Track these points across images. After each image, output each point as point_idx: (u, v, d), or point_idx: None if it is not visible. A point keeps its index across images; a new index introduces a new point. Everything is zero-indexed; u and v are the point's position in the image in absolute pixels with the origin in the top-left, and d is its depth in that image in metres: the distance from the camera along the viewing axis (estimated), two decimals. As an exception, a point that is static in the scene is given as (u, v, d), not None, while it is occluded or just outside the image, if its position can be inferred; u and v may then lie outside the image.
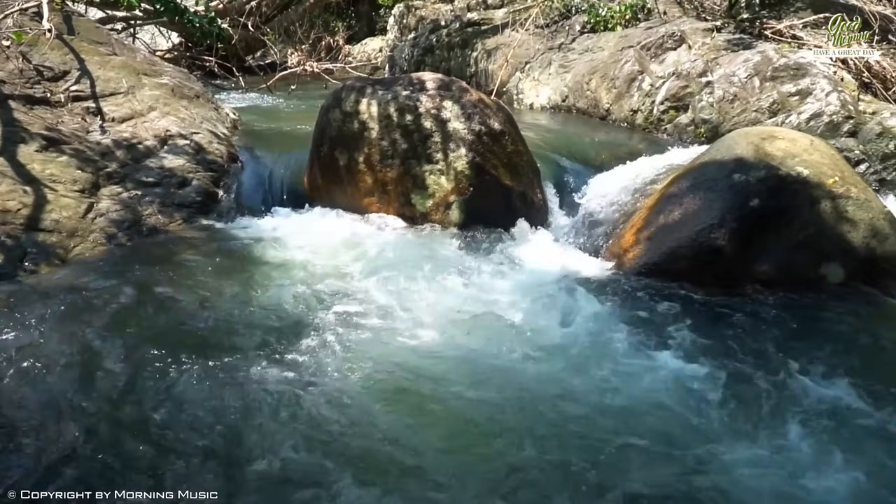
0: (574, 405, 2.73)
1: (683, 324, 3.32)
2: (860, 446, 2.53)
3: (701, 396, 2.80)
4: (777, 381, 2.90)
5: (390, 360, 2.97)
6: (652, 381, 2.89)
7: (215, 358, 2.87)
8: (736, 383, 2.88)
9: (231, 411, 2.57)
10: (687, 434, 2.58)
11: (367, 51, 12.72)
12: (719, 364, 3.01)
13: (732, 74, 6.34)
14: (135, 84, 5.18)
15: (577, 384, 2.86)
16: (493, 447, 2.48)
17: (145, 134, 4.73)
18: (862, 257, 3.78)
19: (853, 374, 2.96)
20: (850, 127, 5.62)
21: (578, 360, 3.04)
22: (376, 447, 2.45)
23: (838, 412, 2.72)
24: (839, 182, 3.87)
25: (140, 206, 4.25)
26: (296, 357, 2.92)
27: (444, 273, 3.80)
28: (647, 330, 3.28)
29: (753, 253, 3.78)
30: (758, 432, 2.60)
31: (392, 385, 2.81)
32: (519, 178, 4.67)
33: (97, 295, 3.28)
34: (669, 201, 4.06)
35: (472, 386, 2.82)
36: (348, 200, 4.69)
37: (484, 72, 8.88)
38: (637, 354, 3.10)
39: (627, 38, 7.53)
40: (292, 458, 2.37)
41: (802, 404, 2.76)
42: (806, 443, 2.54)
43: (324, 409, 2.62)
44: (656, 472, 2.37)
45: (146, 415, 2.53)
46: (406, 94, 4.59)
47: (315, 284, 3.61)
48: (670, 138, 6.46)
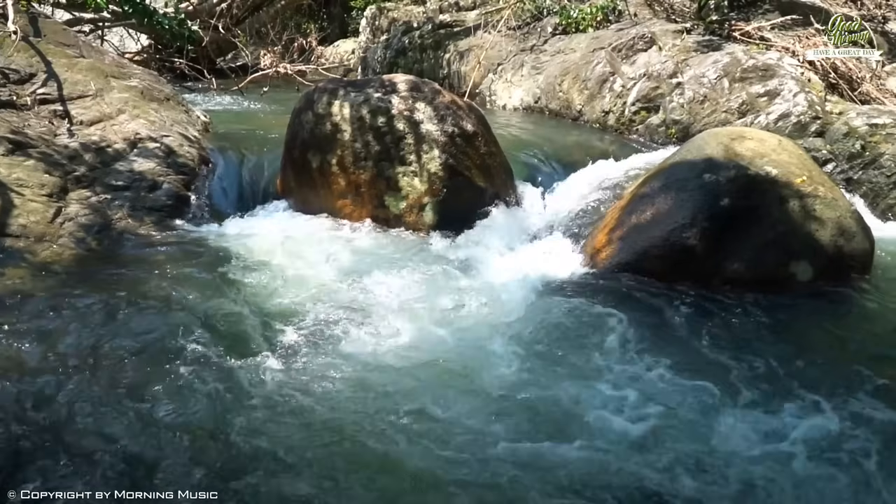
0: (542, 403, 2.74)
1: (655, 322, 3.36)
2: (825, 439, 2.57)
3: (669, 392, 2.82)
4: (745, 376, 2.95)
5: (360, 361, 2.97)
6: (620, 379, 2.91)
7: (183, 362, 2.84)
8: (704, 379, 2.90)
9: (196, 416, 2.55)
10: (653, 429, 2.60)
11: (340, 53, 12.68)
12: (687, 361, 3.05)
13: (702, 75, 6.41)
14: (103, 87, 5.11)
15: (548, 382, 2.87)
16: (458, 450, 2.47)
17: (114, 137, 4.67)
18: (830, 255, 3.84)
19: (819, 369, 3.02)
20: (818, 127, 5.70)
21: (550, 359, 3.05)
22: (344, 449, 2.44)
23: (804, 405, 2.76)
24: (807, 181, 3.93)
25: (109, 211, 4.20)
26: (263, 361, 2.90)
27: (417, 275, 3.80)
28: (618, 328, 3.30)
29: (724, 252, 3.82)
30: (726, 427, 2.63)
31: (360, 386, 2.80)
32: (492, 179, 4.68)
33: (66, 300, 3.23)
34: (641, 201, 4.09)
35: (443, 388, 2.81)
36: (321, 203, 4.66)
37: (457, 73, 8.89)
38: (608, 352, 3.12)
39: (599, 40, 7.58)
40: (256, 460, 2.35)
41: (769, 399, 2.80)
42: (773, 437, 2.57)
43: (292, 411, 2.61)
44: (615, 469, 2.39)
45: (127, 416, 2.50)
46: (378, 96, 4.58)
47: (286, 288, 3.59)
48: (642, 139, 6.51)
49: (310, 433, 2.51)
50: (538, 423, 2.63)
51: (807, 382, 2.91)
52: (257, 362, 2.89)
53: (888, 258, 4.20)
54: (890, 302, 3.75)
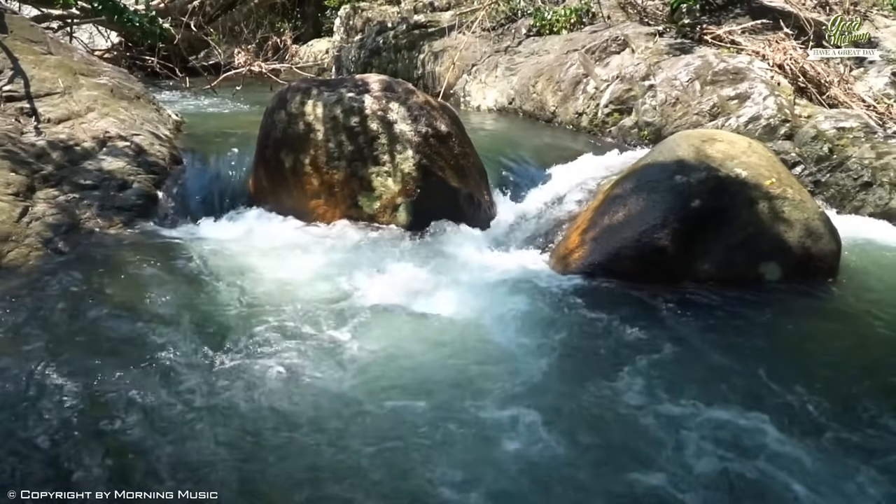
0: (511, 402, 2.74)
1: (625, 321, 3.38)
2: (793, 434, 2.60)
3: (638, 390, 2.85)
4: (714, 373, 2.99)
5: (328, 361, 2.95)
6: (589, 377, 2.92)
7: (150, 364, 2.82)
8: (673, 378, 2.94)
9: (164, 419, 2.52)
10: (615, 427, 2.62)
11: (314, 52, 12.62)
12: (651, 359, 3.08)
13: (674, 78, 6.47)
14: (72, 84, 5.03)
15: (517, 382, 2.88)
16: (424, 453, 2.47)
17: (83, 135, 4.60)
18: (798, 256, 3.90)
19: (786, 368, 3.05)
20: (787, 130, 5.79)
21: (520, 359, 3.06)
22: (311, 450, 2.43)
23: (770, 403, 2.80)
24: (776, 183, 3.98)
25: (78, 210, 4.14)
26: (232, 362, 2.88)
27: (389, 276, 3.80)
28: (589, 328, 3.33)
29: (695, 252, 3.86)
30: (694, 421, 2.65)
31: (327, 387, 2.79)
32: (466, 179, 4.69)
33: (32, 301, 3.18)
34: (614, 202, 4.12)
35: (409, 390, 2.80)
36: (294, 203, 4.63)
37: (431, 74, 8.89)
38: (576, 352, 3.14)
39: (572, 42, 7.63)
40: (218, 463, 2.33)
41: (735, 395, 2.83)
42: (740, 431, 2.60)
43: (259, 411, 2.60)
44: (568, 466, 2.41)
45: (88, 418, 2.47)
46: (351, 96, 4.56)
47: (257, 288, 3.57)
48: (615, 140, 6.55)
49: (276, 434, 2.50)
50: (491, 421, 2.63)
51: (771, 380, 2.95)
52: (226, 363, 2.87)
53: (854, 259, 4.27)
54: (855, 302, 3.82)
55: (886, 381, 3.06)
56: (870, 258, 4.39)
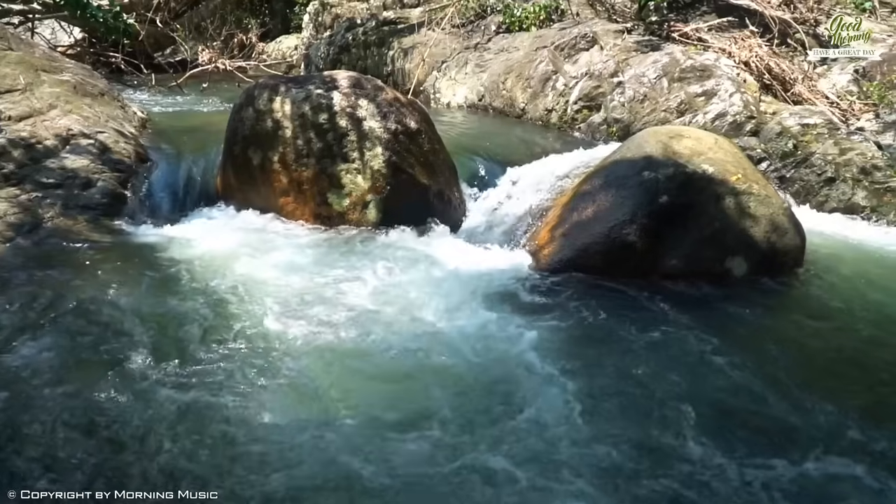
0: (476, 396, 2.77)
1: (595, 316, 3.43)
2: (756, 431, 2.64)
3: (604, 383, 2.89)
4: (678, 367, 3.03)
5: (295, 361, 2.94)
6: (554, 372, 2.94)
7: (114, 366, 2.78)
8: (637, 372, 2.98)
9: (124, 423, 2.49)
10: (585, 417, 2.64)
11: (283, 49, 12.50)
12: (624, 353, 3.13)
13: (642, 75, 6.52)
14: (33, 81, 4.93)
15: (482, 377, 2.90)
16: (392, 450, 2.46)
17: (45, 133, 4.51)
18: (763, 251, 3.95)
19: (748, 360, 3.10)
20: (752, 126, 5.87)
21: (488, 356, 3.06)
22: (276, 450, 2.42)
23: (730, 395, 2.85)
24: (742, 179, 4.03)
25: (41, 209, 4.06)
26: (196, 363, 2.84)
27: (358, 273, 3.78)
28: (559, 323, 3.36)
29: (663, 248, 3.90)
30: (655, 416, 2.69)
31: (294, 386, 2.78)
32: (436, 176, 4.68)
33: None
34: (583, 199, 4.14)
35: (375, 388, 2.81)
36: (263, 201, 4.59)
37: (401, 71, 8.86)
38: (544, 345, 3.15)
39: (542, 39, 7.65)
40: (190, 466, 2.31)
41: (699, 388, 2.88)
42: (701, 427, 2.63)
43: (222, 411, 2.58)
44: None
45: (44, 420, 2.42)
46: (320, 93, 4.53)
47: (224, 287, 3.53)
48: (584, 137, 6.59)
49: (243, 430, 2.48)
50: (462, 418, 2.64)
51: (737, 372, 3.01)
52: (188, 366, 2.82)
53: (818, 253, 4.34)
54: (818, 294, 3.90)
55: (844, 372, 3.16)
56: (833, 252, 4.47)
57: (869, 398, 2.94)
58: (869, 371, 3.16)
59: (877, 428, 2.65)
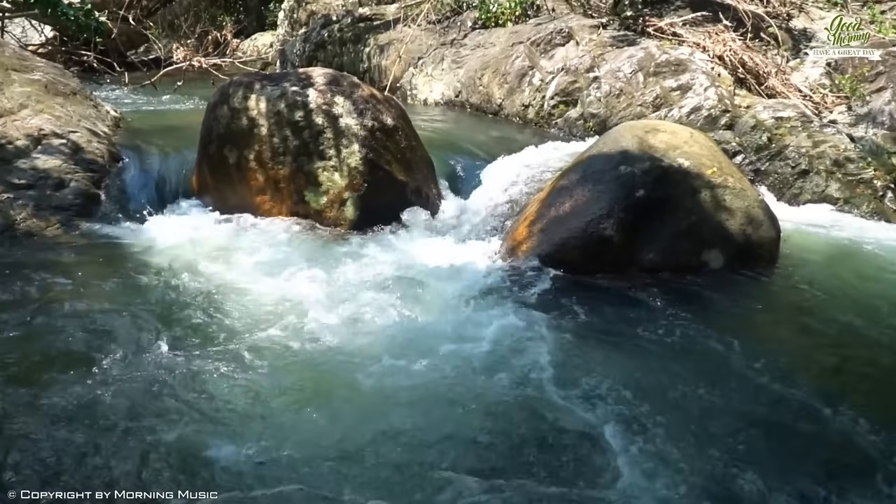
0: (452, 394, 2.78)
1: (573, 310, 3.46)
2: (733, 422, 2.67)
3: (580, 376, 2.90)
4: (655, 359, 3.07)
5: (273, 360, 2.93)
6: (532, 366, 2.96)
7: (90, 368, 2.75)
8: (614, 365, 3.01)
9: (98, 425, 2.47)
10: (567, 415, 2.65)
11: (258, 46, 12.42)
12: (601, 346, 3.16)
13: (618, 70, 6.54)
14: (3, 80, 4.85)
15: (461, 374, 2.90)
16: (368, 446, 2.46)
17: (16, 133, 4.44)
18: (739, 244, 3.99)
19: (725, 350, 3.14)
20: (727, 120, 5.91)
21: (462, 353, 3.06)
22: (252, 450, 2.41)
23: (705, 386, 2.87)
24: (717, 172, 4.06)
25: (12, 210, 4.01)
26: (168, 366, 2.82)
27: (336, 271, 3.77)
28: (537, 318, 3.37)
29: (640, 241, 3.92)
30: (636, 409, 2.70)
31: (273, 385, 2.77)
32: (413, 173, 4.67)
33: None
34: (560, 194, 4.15)
35: (353, 387, 2.79)
36: (239, 199, 4.56)
37: (377, 67, 8.83)
38: (518, 341, 3.16)
39: (518, 34, 7.65)
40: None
41: (675, 378, 2.91)
42: (679, 417, 2.66)
43: (192, 414, 2.57)
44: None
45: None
46: (295, 90, 4.50)
47: (200, 288, 3.50)
48: (561, 132, 6.60)
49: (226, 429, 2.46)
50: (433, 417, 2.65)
51: (711, 361, 3.07)
52: (161, 367, 2.81)
53: (794, 245, 4.39)
54: (793, 285, 3.95)
55: (818, 361, 3.21)
56: (808, 244, 4.53)
57: (844, 383, 3.02)
58: (844, 359, 3.23)
59: (851, 412, 2.70)
